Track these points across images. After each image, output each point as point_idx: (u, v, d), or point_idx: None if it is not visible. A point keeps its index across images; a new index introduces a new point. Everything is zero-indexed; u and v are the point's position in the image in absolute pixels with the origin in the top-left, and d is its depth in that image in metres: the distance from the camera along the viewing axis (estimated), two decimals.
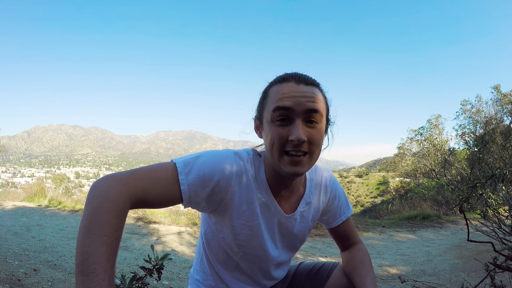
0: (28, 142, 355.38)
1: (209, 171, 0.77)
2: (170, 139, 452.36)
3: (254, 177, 0.84)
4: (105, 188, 0.67)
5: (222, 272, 0.95)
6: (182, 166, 0.76)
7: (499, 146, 8.31)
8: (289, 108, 0.73)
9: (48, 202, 6.47)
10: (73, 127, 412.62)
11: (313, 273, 1.05)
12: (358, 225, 5.39)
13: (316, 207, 0.95)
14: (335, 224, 1.01)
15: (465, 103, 10.29)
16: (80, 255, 0.61)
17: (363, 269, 0.93)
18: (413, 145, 13.23)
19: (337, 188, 1.00)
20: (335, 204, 0.99)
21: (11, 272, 2.07)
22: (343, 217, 1.01)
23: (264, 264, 0.94)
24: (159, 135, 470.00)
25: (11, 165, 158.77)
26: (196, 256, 1.05)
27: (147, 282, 1.15)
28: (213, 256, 0.95)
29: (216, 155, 0.81)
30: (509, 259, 1.36)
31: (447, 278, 2.51)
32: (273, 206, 0.86)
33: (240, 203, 0.83)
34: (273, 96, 0.77)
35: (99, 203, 0.65)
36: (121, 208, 0.67)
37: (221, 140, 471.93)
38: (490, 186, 1.84)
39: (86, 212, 0.65)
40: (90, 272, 0.60)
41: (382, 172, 35.73)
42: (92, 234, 0.62)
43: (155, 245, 3.41)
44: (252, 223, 0.85)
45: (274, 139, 0.75)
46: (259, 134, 0.85)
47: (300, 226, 0.93)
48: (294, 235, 0.93)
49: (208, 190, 0.78)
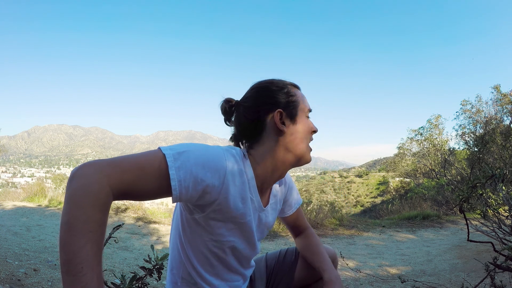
0: (28, 142, 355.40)
1: (202, 167, 0.74)
2: (170, 139, 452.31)
3: (246, 174, 0.86)
4: (86, 180, 0.62)
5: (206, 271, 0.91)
6: (172, 159, 0.71)
7: (499, 146, 8.30)
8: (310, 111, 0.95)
9: (48, 202, 6.47)
10: (73, 127, 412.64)
11: (281, 258, 1.16)
12: (358, 225, 5.39)
13: (280, 199, 1.05)
14: (290, 213, 1.12)
15: (465, 103, 10.29)
16: (65, 254, 0.58)
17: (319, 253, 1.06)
18: (413, 145, 13.23)
19: (291, 180, 1.12)
20: (290, 195, 1.10)
21: (11, 272, 2.07)
22: (297, 205, 1.12)
23: (250, 256, 0.99)
24: (159, 135, 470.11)
25: (11, 165, 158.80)
26: (172, 271, 0.95)
27: (147, 282, 1.15)
28: (197, 263, 0.90)
29: (208, 151, 0.78)
30: (509, 259, 1.36)
31: (447, 278, 2.51)
32: (257, 202, 0.91)
33: (235, 201, 0.82)
34: (300, 97, 0.92)
35: (81, 197, 0.60)
36: (104, 202, 0.62)
37: (221, 140, 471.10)
38: (490, 186, 1.84)
39: (67, 207, 0.60)
40: (77, 272, 0.57)
41: (382, 172, 35.73)
42: (76, 231, 0.58)
43: (155, 245, 3.41)
44: (245, 220, 0.87)
45: (310, 130, 0.92)
46: (282, 127, 0.86)
47: (271, 217, 1.01)
48: (266, 226, 1.00)
49: (200, 189, 0.74)
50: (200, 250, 0.89)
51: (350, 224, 5.41)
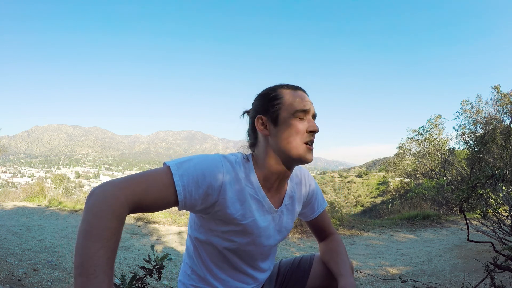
0: (28, 142, 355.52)
1: (202, 172, 0.83)
2: (170, 139, 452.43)
3: (245, 177, 0.91)
4: (103, 194, 0.70)
5: (218, 272, 0.99)
6: (175, 168, 0.80)
7: (499, 146, 8.30)
8: (308, 111, 0.91)
9: (48, 202, 6.47)
10: (73, 127, 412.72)
11: (295, 266, 1.15)
12: (358, 225, 5.38)
13: (299, 200, 1.05)
14: (313, 217, 1.12)
15: (465, 103, 10.28)
16: (80, 257, 0.63)
17: (340, 259, 1.05)
18: (413, 145, 13.22)
19: (314, 182, 1.12)
20: (314, 197, 1.10)
21: (11, 272, 2.06)
22: (321, 209, 1.12)
23: (259, 258, 1.01)
24: (159, 135, 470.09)
25: (11, 165, 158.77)
26: (185, 261, 1.06)
27: (147, 282, 1.15)
28: (207, 258, 0.98)
29: (207, 159, 0.87)
30: (509, 259, 1.36)
31: (447, 278, 2.51)
32: (265, 203, 0.94)
33: (233, 202, 0.88)
34: (291, 98, 0.91)
35: (98, 208, 0.68)
36: (119, 212, 0.69)
37: (221, 140, 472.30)
38: (490, 186, 1.84)
39: (86, 217, 0.67)
40: (90, 274, 0.61)
41: (382, 172, 35.73)
42: (92, 237, 0.64)
43: (155, 245, 3.41)
44: (247, 221, 0.91)
45: (300, 130, 0.89)
46: (264, 131, 0.93)
47: (286, 218, 1.02)
48: (283, 226, 1.02)
49: (202, 192, 0.82)
50: (207, 247, 0.97)
51: (350, 224, 5.40)
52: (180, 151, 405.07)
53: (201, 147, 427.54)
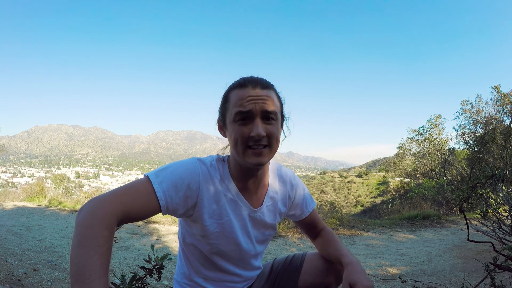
0: (28, 142, 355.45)
1: (179, 177, 0.86)
2: (170, 139, 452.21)
3: (220, 178, 0.93)
4: (92, 208, 0.73)
5: (204, 272, 1.02)
6: (154, 177, 0.84)
7: (499, 146, 8.30)
8: (249, 111, 0.85)
9: (48, 202, 6.47)
10: (73, 127, 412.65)
11: (287, 264, 1.17)
12: (358, 225, 5.38)
13: (283, 201, 1.07)
14: (303, 217, 1.14)
15: (465, 103, 10.28)
16: (75, 266, 0.65)
17: (336, 244, 1.08)
18: (413, 145, 13.21)
19: (301, 184, 1.13)
20: (301, 198, 1.11)
21: (11, 272, 2.07)
22: (310, 208, 1.14)
23: (242, 257, 1.03)
24: (159, 135, 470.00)
25: (11, 165, 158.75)
26: (178, 260, 1.10)
27: (147, 282, 1.16)
28: (193, 258, 1.02)
29: (183, 164, 0.90)
30: (509, 259, 1.36)
31: (447, 278, 2.51)
32: (241, 202, 0.96)
33: (209, 203, 0.91)
34: (234, 100, 0.88)
35: (89, 221, 0.71)
36: (109, 223, 0.73)
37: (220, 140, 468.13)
38: (490, 186, 1.84)
39: (77, 230, 0.70)
40: (86, 278, 0.64)
41: (382, 172, 35.73)
42: (85, 246, 0.67)
43: (155, 245, 3.41)
44: (223, 220, 0.94)
45: (238, 137, 0.86)
46: (224, 134, 0.95)
47: (268, 218, 1.03)
48: (264, 226, 1.03)
49: (181, 194, 0.86)
50: (192, 249, 1.00)
51: (350, 224, 5.40)
52: (180, 151, 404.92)
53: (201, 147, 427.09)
